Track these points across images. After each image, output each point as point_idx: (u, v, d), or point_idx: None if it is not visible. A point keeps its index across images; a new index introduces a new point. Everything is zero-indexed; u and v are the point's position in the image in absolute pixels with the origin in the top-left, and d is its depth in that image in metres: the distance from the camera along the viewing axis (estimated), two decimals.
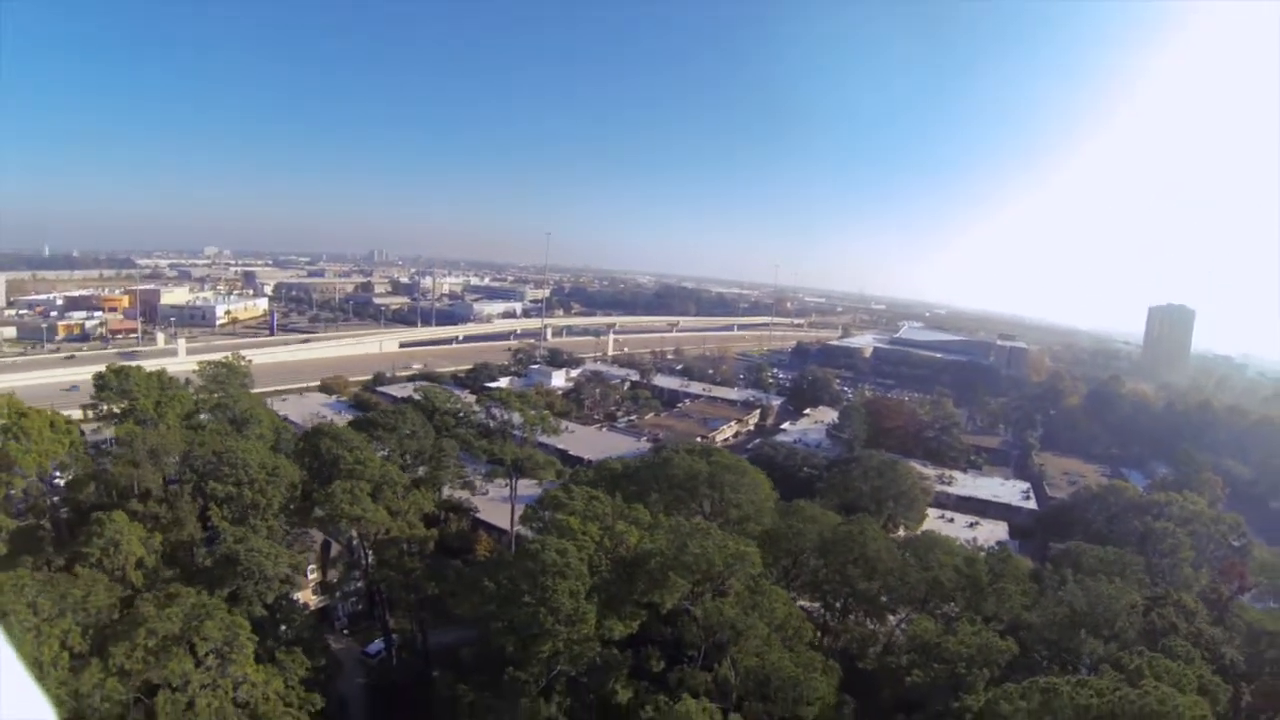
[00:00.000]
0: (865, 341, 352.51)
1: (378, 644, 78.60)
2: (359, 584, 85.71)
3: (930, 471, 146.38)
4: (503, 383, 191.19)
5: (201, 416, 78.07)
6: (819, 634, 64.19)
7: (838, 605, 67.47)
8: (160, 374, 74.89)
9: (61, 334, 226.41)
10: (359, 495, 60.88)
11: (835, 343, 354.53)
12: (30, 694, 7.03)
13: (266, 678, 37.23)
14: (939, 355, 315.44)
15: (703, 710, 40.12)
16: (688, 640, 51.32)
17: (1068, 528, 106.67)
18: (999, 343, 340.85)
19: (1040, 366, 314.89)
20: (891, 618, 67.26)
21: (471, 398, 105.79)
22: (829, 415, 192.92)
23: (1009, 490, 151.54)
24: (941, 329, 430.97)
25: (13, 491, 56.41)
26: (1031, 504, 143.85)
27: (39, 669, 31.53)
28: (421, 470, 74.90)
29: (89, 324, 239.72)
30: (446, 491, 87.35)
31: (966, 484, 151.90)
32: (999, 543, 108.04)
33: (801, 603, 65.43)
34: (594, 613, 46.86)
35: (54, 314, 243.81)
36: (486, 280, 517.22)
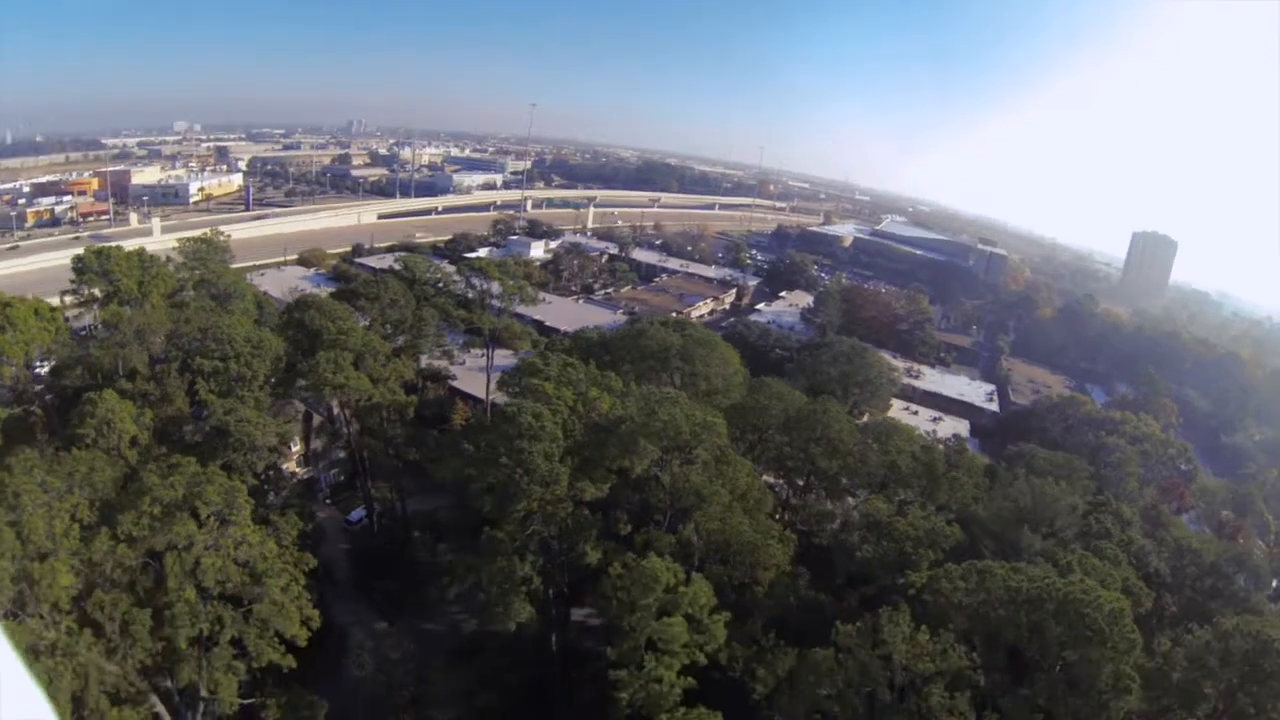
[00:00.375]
0: (846, 230, 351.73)
1: (359, 512, 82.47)
2: (341, 455, 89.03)
3: (899, 364, 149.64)
4: (482, 253, 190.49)
5: (185, 294, 77.98)
6: (780, 509, 67.93)
7: (800, 483, 71.04)
8: (140, 253, 73.65)
9: (31, 220, 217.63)
10: (342, 364, 62.51)
11: (816, 229, 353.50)
12: (30, 694, 6.86)
13: (262, 538, 39.58)
14: (918, 252, 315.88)
15: (667, 569, 43.33)
16: (654, 505, 54.64)
17: (1026, 433, 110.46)
18: (980, 247, 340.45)
19: (1019, 275, 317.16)
20: (850, 500, 70.96)
21: (451, 268, 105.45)
22: (805, 299, 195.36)
23: (974, 390, 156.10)
24: (924, 226, 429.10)
25: (1, 381, 57.56)
26: (994, 406, 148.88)
27: (53, 542, 33.60)
28: (402, 340, 76.20)
29: (58, 209, 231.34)
30: (425, 361, 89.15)
31: (934, 380, 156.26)
32: (956, 436, 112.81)
33: (765, 478, 68.47)
34: (567, 475, 49.77)
35: (21, 201, 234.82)
36: (467, 151, 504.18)
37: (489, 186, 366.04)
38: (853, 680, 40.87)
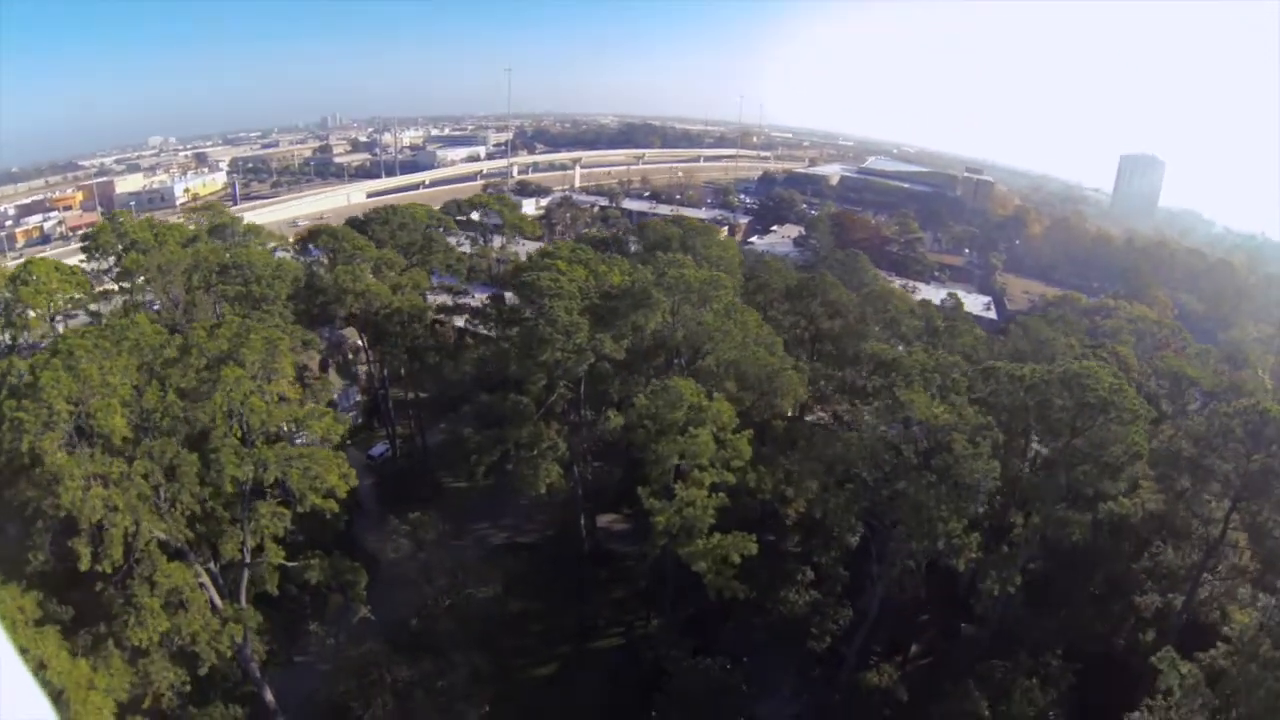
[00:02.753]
0: (832, 170, 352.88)
1: (380, 447, 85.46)
2: (359, 398, 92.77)
3: (895, 282, 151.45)
4: (474, 216, 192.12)
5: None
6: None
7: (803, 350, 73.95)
8: (150, 219, 75.09)
9: (21, 241, 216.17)
10: (360, 274, 65.73)
11: (802, 170, 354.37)
12: (30, 694, 6.87)
13: (301, 393, 42.80)
14: (905, 185, 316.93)
15: (691, 389, 46.46)
16: (671, 350, 58.06)
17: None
18: (965, 175, 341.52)
19: (1007, 201, 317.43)
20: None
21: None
22: (795, 231, 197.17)
23: (971, 301, 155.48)
24: (909, 163, 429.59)
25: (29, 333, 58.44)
26: (992, 314, 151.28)
27: (107, 387, 35.68)
28: (415, 259, 79.13)
29: (47, 225, 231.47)
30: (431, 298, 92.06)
31: (930, 294, 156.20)
32: (951, 294, 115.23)
33: None
34: (587, 325, 52.84)
35: (9, 223, 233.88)
36: (447, 131, 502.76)
37: (473, 159, 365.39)
38: (877, 451, 44.11)
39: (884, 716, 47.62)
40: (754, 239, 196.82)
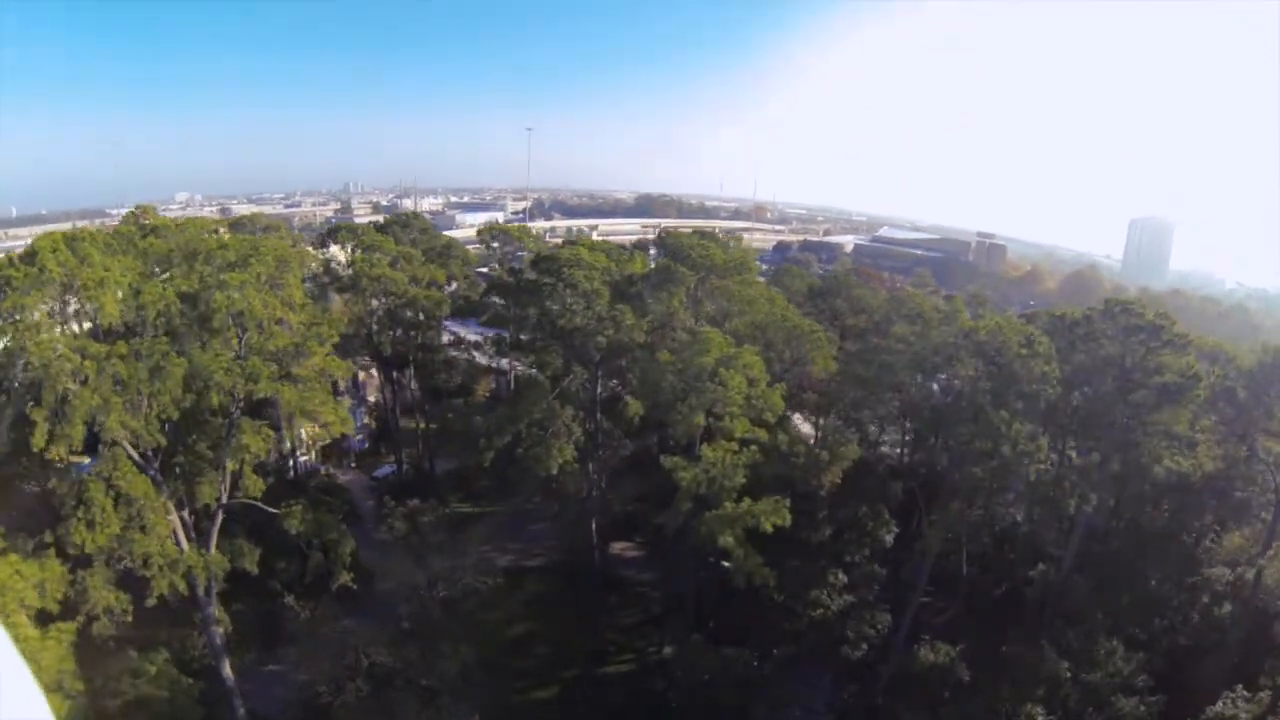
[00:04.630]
0: (846, 239, 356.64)
1: (386, 468, 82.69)
2: (365, 420, 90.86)
3: None
4: (495, 245, 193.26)
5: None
6: None
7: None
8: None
9: None
10: (378, 263, 64.50)
11: (817, 239, 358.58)
12: (30, 693, 6.71)
13: (310, 315, 40.45)
14: (919, 251, 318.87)
15: (721, 338, 44.19)
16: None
17: None
18: (978, 240, 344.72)
19: (1019, 265, 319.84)
20: None
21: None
22: None
23: None
24: (922, 233, 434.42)
25: None
26: None
27: (106, 270, 33.46)
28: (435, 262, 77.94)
29: None
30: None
31: None
32: (975, 294, 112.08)
33: None
34: (608, 294, 50.88)
35: None
36: (466, 199, 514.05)
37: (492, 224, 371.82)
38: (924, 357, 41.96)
39: (943, 699, 42.77)
40: None
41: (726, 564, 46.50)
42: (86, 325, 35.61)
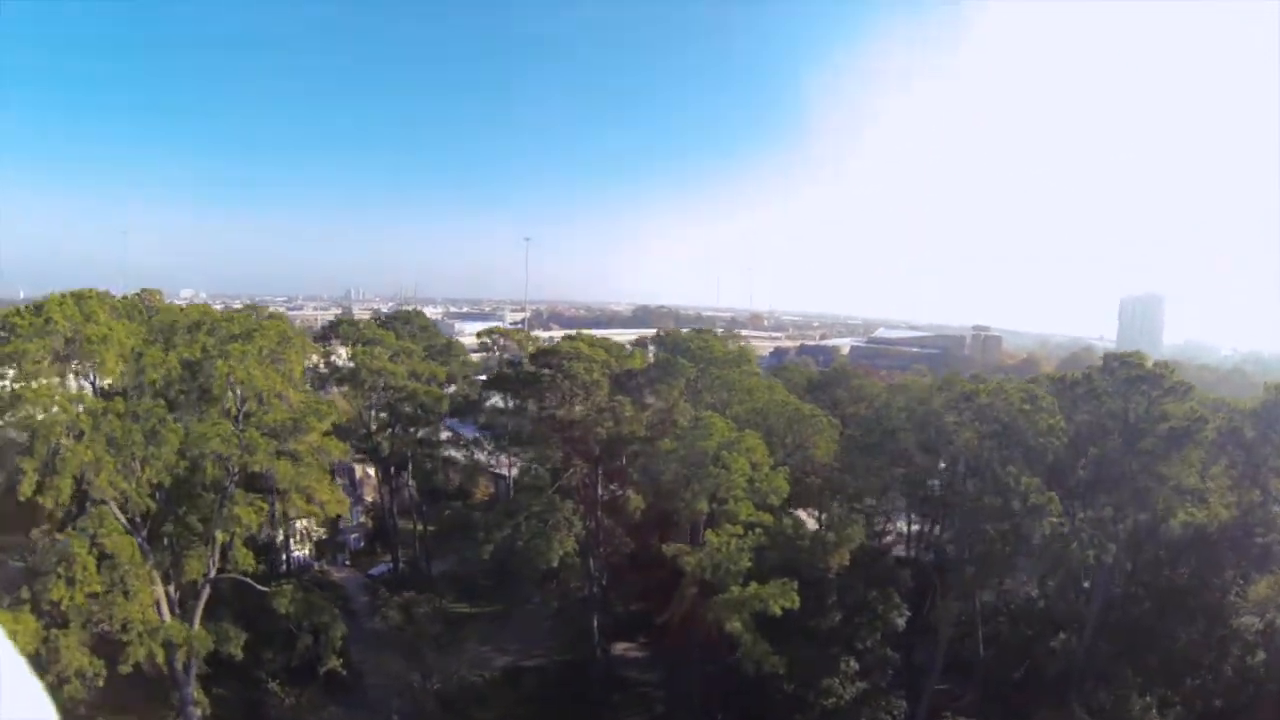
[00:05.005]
0: (843, 341, 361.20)
1: (382, 566, 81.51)
2: (362, 519, 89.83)
3: None
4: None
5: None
6: None
7: None
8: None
9: None
10: (379, 355, 65.05)
11: (813, 344, 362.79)
12: (31, 693, 6.25)
13: (307, 397, 40.44)
14: (915, 349, 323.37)
15: (723, 423, 44.11)
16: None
17: None
18: (972, 333, 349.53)
19: (1014, 353, 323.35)
20: None
21: None
22: None
23: None
24: (918, 331, 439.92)
25: None
26: None
27: (109, 329, 34.19)
28: (436, 360, 78.53)
29: None
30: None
31: None
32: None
33: None
34: (608, 386, 51.07)
35: None
36: (465, 309, 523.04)
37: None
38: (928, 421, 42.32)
39: None
40: None
41: (732, 656, 45.21)
42: (85, 385, 35.61)
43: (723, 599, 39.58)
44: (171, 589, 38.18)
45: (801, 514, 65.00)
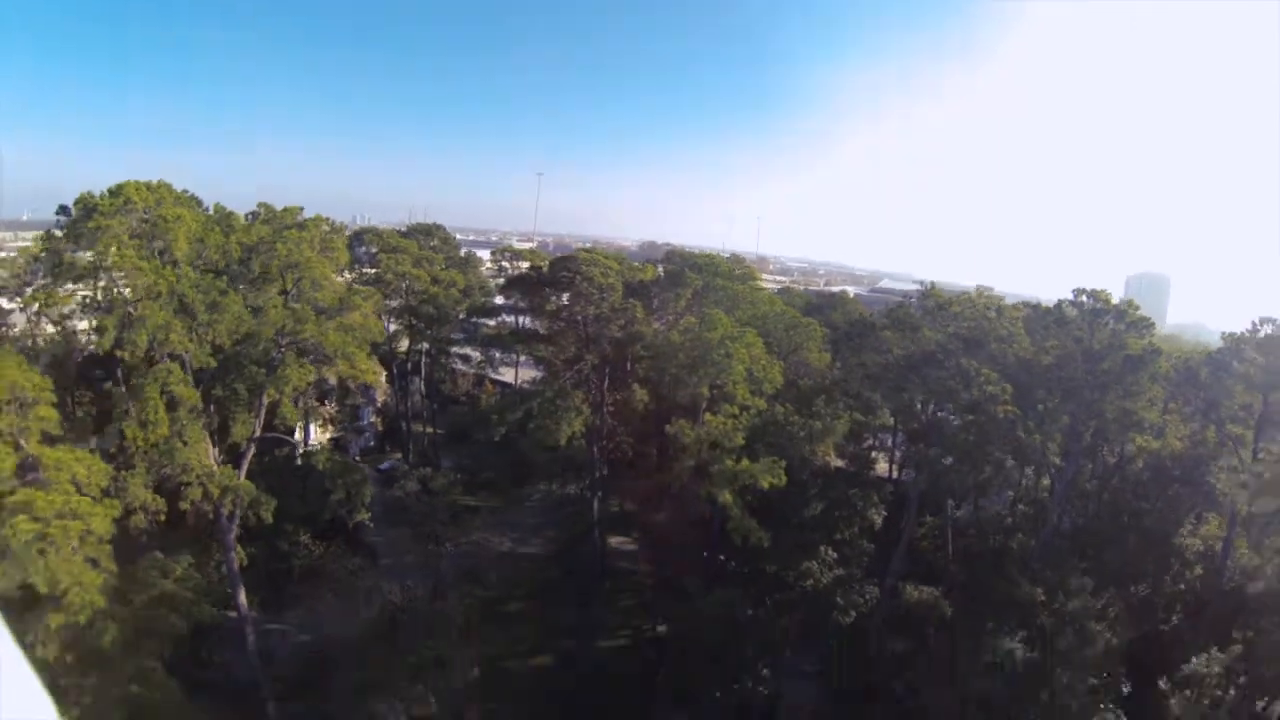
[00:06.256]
0: (847, 289, 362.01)
1: (391, 462, 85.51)
2: (373, 419, 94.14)
3: None
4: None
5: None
6: None
7: None
8: None
9: None
10: (403, 262, 68.63)
11: (817, 290, 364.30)
12: (31, 693, 6.66)
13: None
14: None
15: (727, 322, 48.06)
16: None
17: None
18: (976, 292, 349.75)
19: (1016, 313, 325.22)
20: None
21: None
22: None
23: None
24: (921, 286, 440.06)
25: None
26: None
27: (179, 221, 37.31)
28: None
29: None
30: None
31: None
32: None
33: None
34: (622, 290, 54.99)
35: None
36: (471, 238, 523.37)
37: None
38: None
39: (925, 635, 45.84)
40: None
41: (717, 552, 49.92)
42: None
43: (716, 470, 43.95)
44: (216, 451, 41.70)
45: None
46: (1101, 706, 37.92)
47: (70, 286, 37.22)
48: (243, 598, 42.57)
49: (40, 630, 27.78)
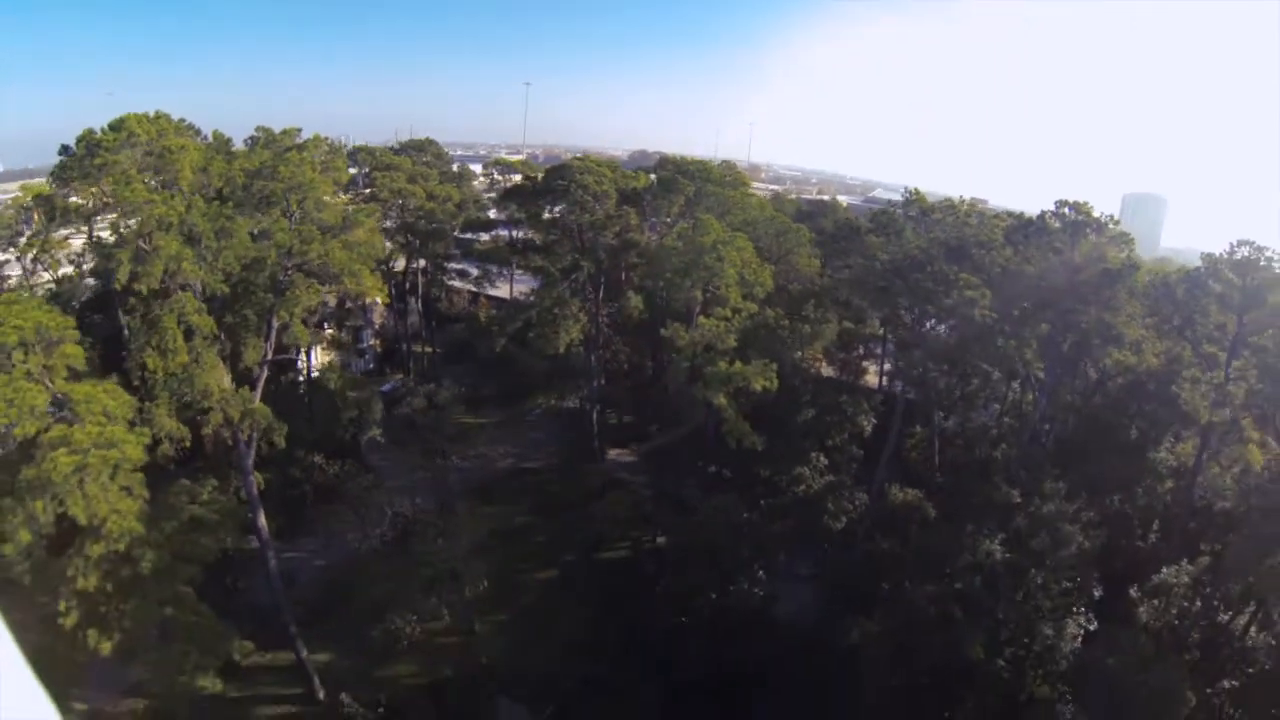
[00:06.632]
0: (840, 199, 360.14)
1: (391, 384, 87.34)
2: (372, 341, 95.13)
3: None
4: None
5: None
6: None
7: None
8: None
9: None
10: (397, 178, 68.53)
11: (810, 198, 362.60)
12: (32, 693, 6.64)
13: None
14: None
15: (719, 228, 49.10)
16: None
17: None
18: (970, 203, 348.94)
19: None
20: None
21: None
22: None
23: None
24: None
25: None
26: None
27: (183, 151, 37.58)
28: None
29: None
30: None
31: None
32: None
33: None
34: (616, 197, 55.71)
35: None
36: (459, 152, 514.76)
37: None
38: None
39: (908, 533, 48.03)
40: None
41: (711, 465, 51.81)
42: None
43: (710, 372, 45.36)
44: (230, 378, 41.82)
45: None
46: (1074, 610, 39.96)
47: (64, 232, 37.69)
48: (262, 520, 43.60)
49: (80, 563, 29.18)
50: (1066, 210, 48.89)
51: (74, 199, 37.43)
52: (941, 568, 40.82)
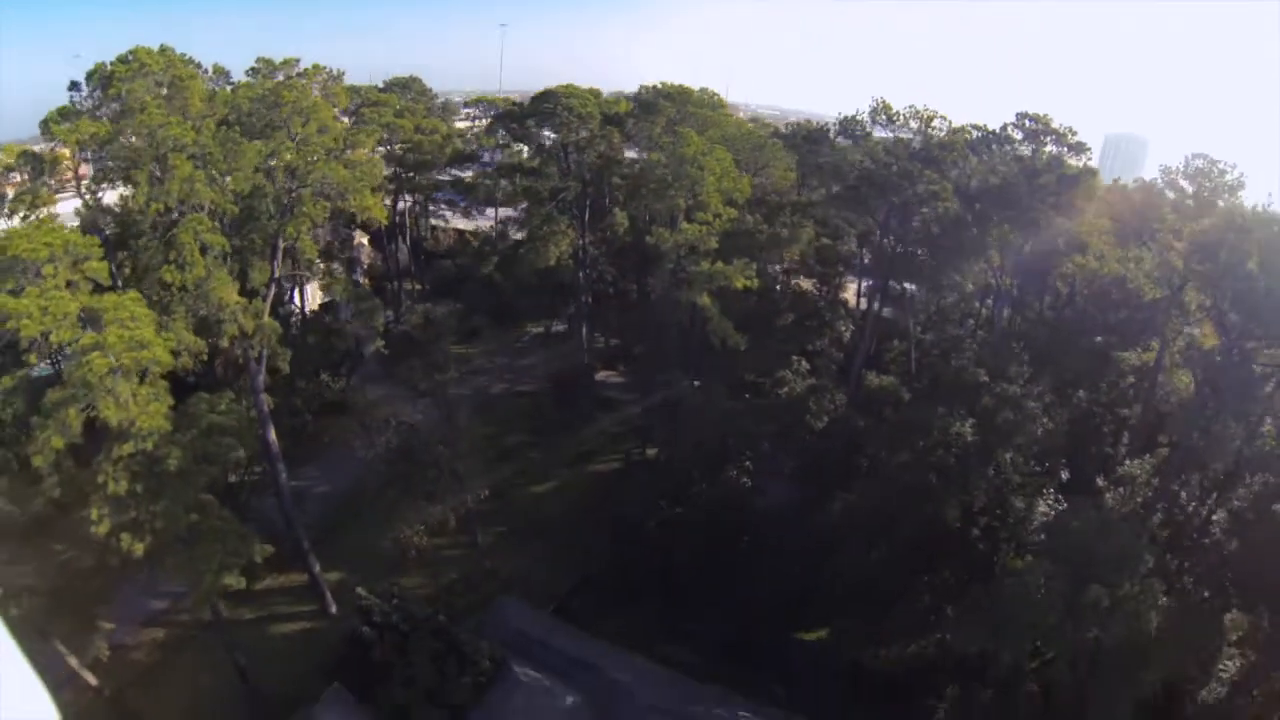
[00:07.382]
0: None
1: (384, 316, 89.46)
2: (361, 279, 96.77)
3: None
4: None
5: None
6: None
7: None
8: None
9: None
10: (385, 113, 69.80)
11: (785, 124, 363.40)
12: (33, 693, 6.65)
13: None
14: None
15: (699, 141, 51.28)
16: None
17: None
18: None
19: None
20: None
21: None
22: None
23: None
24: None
25: None
26: None
27: (194, 79, 39.69)
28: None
29: None
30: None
31: None
32: None
33: None
34: (600, 119, 58.23)
35: None
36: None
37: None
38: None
39: (882, 415, 50.85)
40: None
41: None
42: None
43: (693, 271, 48.02)
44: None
45: None
46: (1044, 491, 42.27)
47: (52, 182, 38.80)
48: (273, 435, 45.27)
49: (109, 467, 31.02)
50: (1028, 121, 51.41)
51: (63, 149, 38.58)
52: (916, 441, 43.27)
